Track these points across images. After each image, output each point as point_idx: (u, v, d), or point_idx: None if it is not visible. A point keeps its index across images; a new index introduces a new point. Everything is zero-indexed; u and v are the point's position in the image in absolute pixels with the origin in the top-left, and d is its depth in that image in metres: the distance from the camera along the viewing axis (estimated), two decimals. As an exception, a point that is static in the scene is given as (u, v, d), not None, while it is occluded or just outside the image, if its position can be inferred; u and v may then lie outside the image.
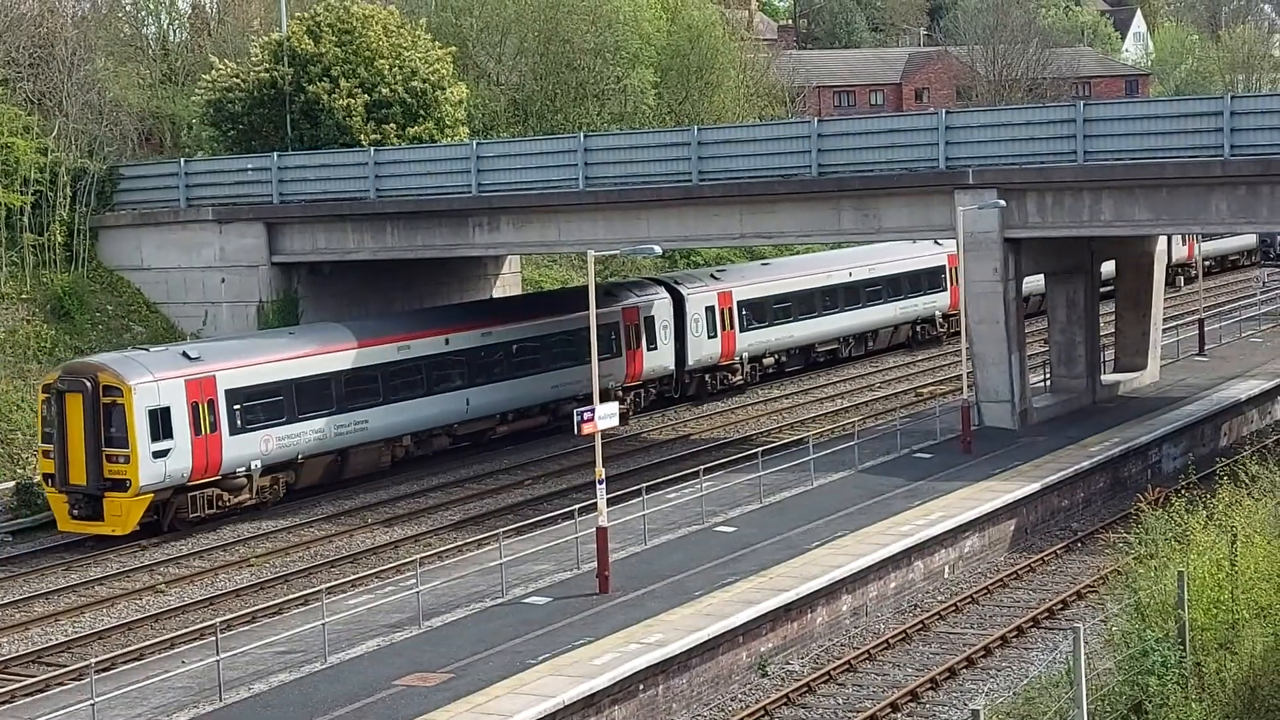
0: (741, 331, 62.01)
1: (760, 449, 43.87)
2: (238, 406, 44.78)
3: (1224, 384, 54.82)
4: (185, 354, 44.85)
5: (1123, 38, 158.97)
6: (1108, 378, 54.14)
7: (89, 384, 43.01)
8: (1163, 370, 56.66)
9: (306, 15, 61.34)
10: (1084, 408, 51.18)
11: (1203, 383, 55.08)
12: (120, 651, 34.23)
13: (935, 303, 71.72)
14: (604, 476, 33.80)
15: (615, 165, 50.99)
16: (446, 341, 51.07)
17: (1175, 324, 66.09)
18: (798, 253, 73.24)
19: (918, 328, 71.69)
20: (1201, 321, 63.45)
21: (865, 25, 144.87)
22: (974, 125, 47.89)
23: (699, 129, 51.68)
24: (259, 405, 45.37)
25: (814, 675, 31.72)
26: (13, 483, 46.70)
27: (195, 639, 33.61)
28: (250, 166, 56.40)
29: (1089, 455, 44.62)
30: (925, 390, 61.90)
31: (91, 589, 40.48)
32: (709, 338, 60.69)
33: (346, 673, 29.31)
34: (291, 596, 37.64)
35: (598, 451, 33.76)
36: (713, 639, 30.81)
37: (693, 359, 59.94)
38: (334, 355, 47.75)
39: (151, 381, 43.15)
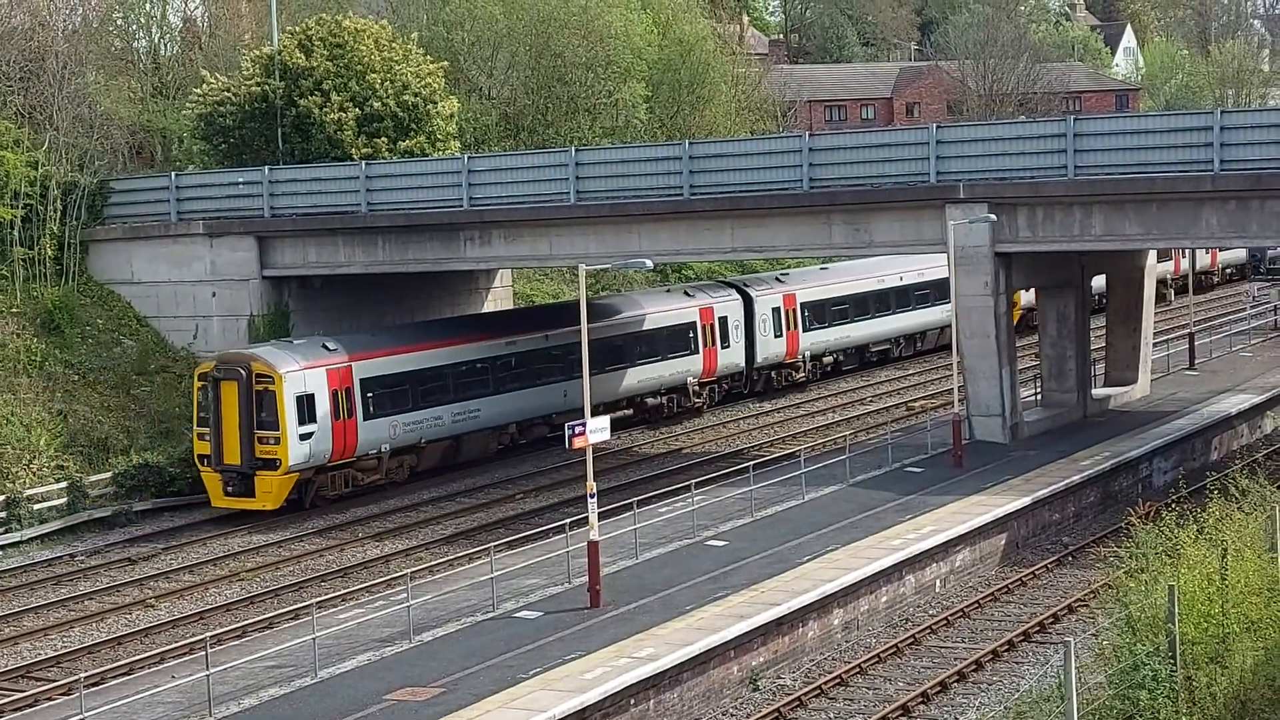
0: (804, 331, 65.59)
1: (751, 463, 43.86)
2: (370, 394, 48.97)
3: (1214, 398, 54.88)
4: (325, 346, 48.95)
5: (1113, 53, 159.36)
6: (1098, 392, 54.20)
7: (243, 372, 46.93)
8: (1153, 384, 56.70)
9: (298, 29, 61.29)
10: (1074, 422, 51.21)
11: (1193, 397, 55.14)
12: (110, 666, 34.15)
13: None
14: (595, 490, 33.79)
15: (606, 179, 51.01)
16: (546, 338, 55.17)
17: (1165, 338, 66.18)
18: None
19: None
20: (1192, 335, 63.53)
21: (856, 40, 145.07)
22: (965, 140, 47.96)
23: (690, 143, 51.68)
24: (388, 393, 49.54)
25: (805, 689, 31.69)
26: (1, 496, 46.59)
27: (185, 654, 33.55)
28: (241, 180, 56.33)
29: (1080, 469, 44.64)
30: (916, 404, 61.99)
31: (81, 604, 40.40)
32: (775, 337, 64.31)
33: (337, 687, 29.25)
34: (281, 611, 37.61)
35: (589, 465, 33.74)
36: (704, 653, 30.79)
37: (761, 357, 63.65)
38: (452, 349, 51.98)
39: (299, 370, 47.30)
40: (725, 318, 61.65)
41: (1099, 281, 57.63)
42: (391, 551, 43.90)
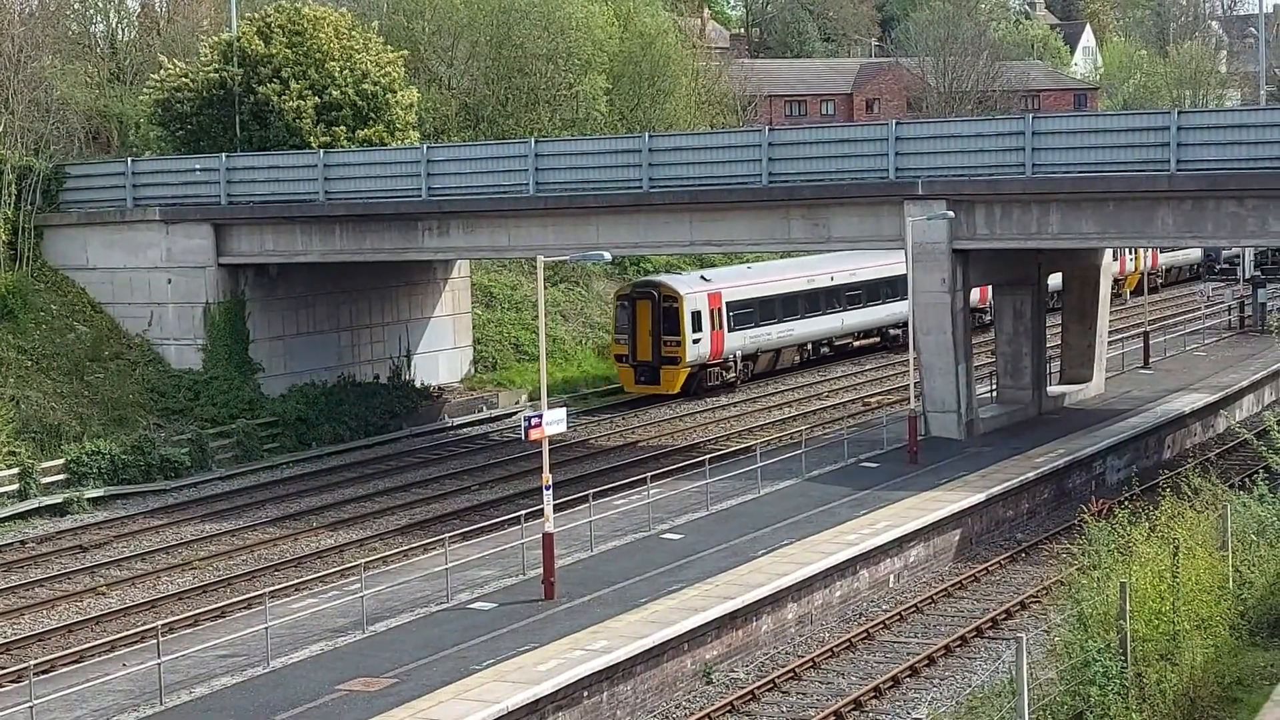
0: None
1: (707, 456, 43.88)
2: (732, 314, 63.87)
3: (1168, 397, 55.18)
4: (703, 277, 64.37)
5: (1072, 52, 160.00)
6: (1053, 389, 54.43)
7: (655, 293, 62.64)
8: (1108, 382, 56.99)
9: (257, 16, 61.00)
10: (1030, 419, 51.42)
11: (1147, 395, 55.44)
12: (60, 654, 33.92)
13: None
14: (551, 482, 33.75)
15: (566, 171, 50.98)
16: (832, 279, 69.63)
17: (1121, 337, 66.51)
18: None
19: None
20: (1146, 334, 63.89)
21: (817, 35, 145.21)
22: (924, 137, 48.11)
23: (650, 136, 51.69)
24: (742, 314, 64.60)
25: (759, 683, 31.73)
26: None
27: (136, 641, 33.35)
28: (198, 167, 56.05)
29: (1034, 466, 44.82)
30: (873, 400, 62.16)
31: (32, 590, 40.15)
32: None
33: (289, 677, 29.14)
34: (234, 600, 37.42)
35: (545, 457, 33.69)
36: (658, 646, 30.78)
37: None
38: (778, 282, 67.06)
39: (693, 293, 62.36)
40: None
41: (1055, 280, 57.82)
42: (345, 541, 43.76)
